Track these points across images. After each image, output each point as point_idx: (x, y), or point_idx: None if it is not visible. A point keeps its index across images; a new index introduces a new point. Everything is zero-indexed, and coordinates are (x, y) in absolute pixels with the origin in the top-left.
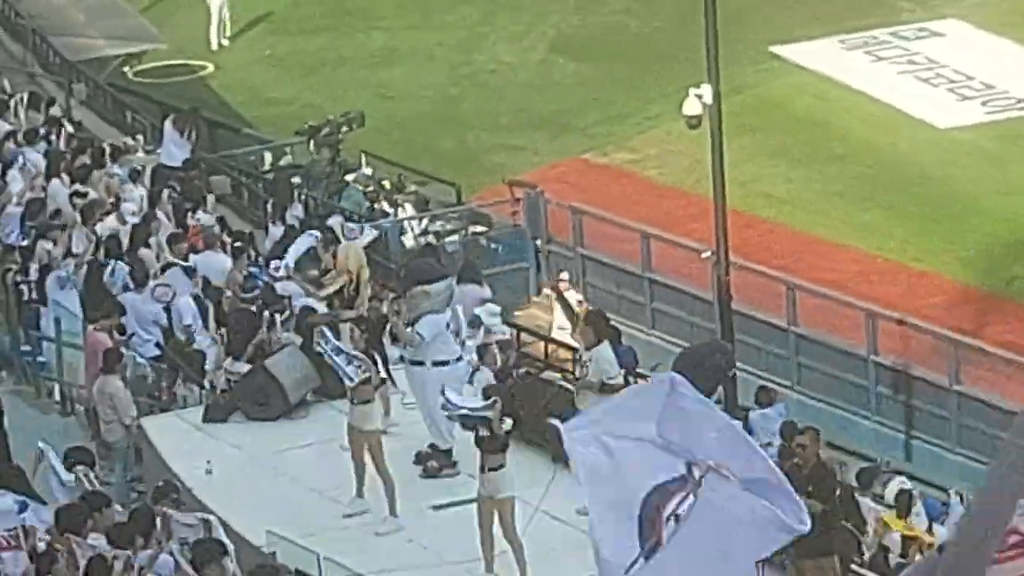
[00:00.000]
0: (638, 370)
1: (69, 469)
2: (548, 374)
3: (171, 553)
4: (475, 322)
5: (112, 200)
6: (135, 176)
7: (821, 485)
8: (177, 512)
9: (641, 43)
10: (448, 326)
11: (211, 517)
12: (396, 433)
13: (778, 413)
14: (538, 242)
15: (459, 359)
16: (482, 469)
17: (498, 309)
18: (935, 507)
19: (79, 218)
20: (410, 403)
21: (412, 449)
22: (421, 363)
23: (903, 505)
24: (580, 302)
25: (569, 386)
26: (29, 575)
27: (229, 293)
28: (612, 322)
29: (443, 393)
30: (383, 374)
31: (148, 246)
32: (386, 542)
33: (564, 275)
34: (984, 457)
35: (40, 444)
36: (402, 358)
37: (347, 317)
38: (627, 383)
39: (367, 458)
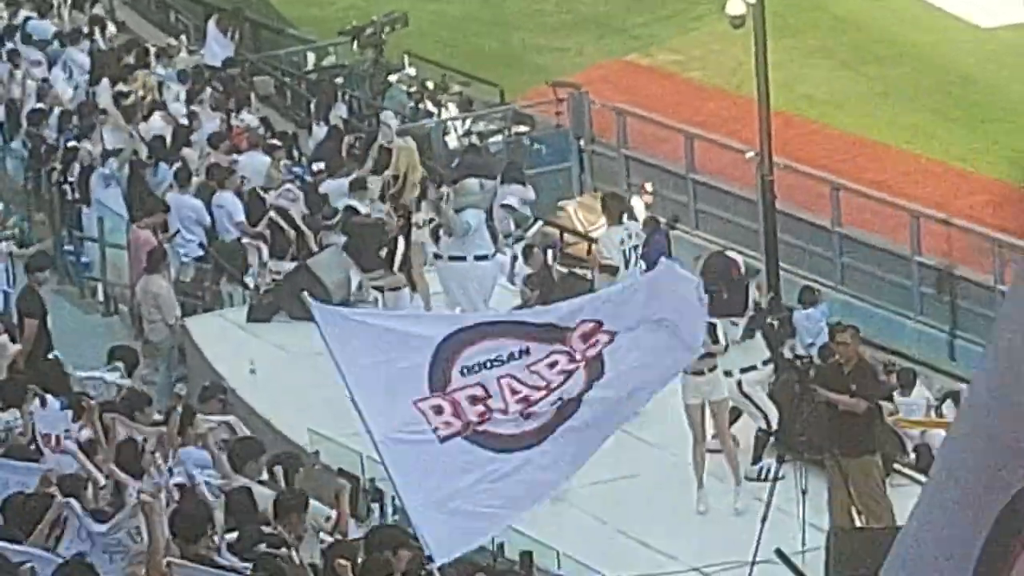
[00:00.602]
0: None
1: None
2: (589, 273)
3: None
4: (521, 221)
5: (151, 100)
6: (184, 77)
7: (863, 383)
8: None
9: None
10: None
11: (231, 418)
12: None
13: (821, 313)
14: (582, 142)
15: (496, 254)
16: None
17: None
18: None
19: (121, 119)
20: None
21: None
22: (463, 258)
23: (951, 405)
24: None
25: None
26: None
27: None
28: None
29: None
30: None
31: (190, 146)
32: None
33: (648, 186)
34: None
35: None
36: (437, 256)
37: (392, 225)
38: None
39: None
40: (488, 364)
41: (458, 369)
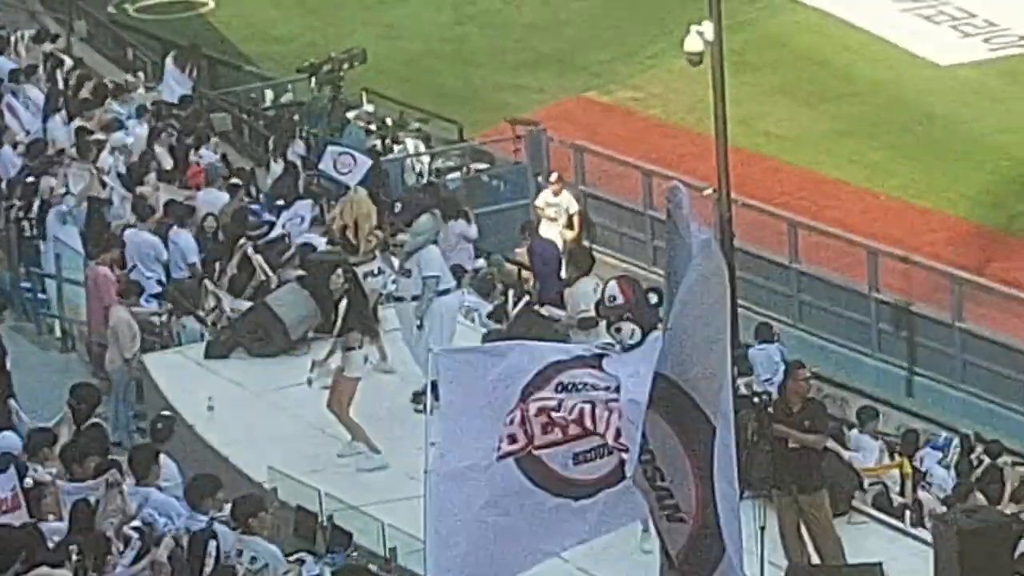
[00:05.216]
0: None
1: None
2: (547, 309)
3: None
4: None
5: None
6: (141, 113)
7: (815, 419)
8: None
9: None
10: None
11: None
12: (397, 372)
13: (778, 349)
14: (539, 179)
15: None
16: None
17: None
18: (934, 444)
19: (76, 153)
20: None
21: (411, 387)
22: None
23: (910, 443)
24: (578, 210)
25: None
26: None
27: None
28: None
29: None
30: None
31: (143, 184)
32: (385, 477)
33: (553, 176)
34: (987, 393)
35: None
36: (399, 298)
37: (354, 260)
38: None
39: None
40: (580, 387)
41: (555, 383)
